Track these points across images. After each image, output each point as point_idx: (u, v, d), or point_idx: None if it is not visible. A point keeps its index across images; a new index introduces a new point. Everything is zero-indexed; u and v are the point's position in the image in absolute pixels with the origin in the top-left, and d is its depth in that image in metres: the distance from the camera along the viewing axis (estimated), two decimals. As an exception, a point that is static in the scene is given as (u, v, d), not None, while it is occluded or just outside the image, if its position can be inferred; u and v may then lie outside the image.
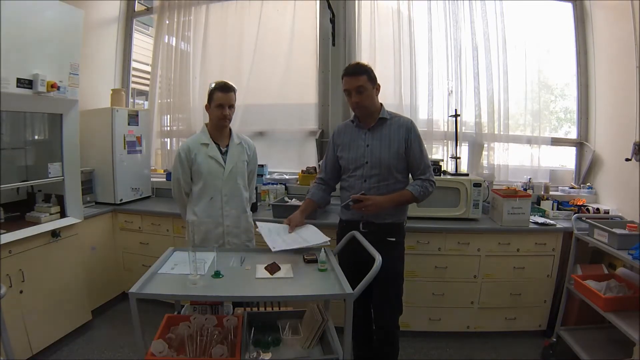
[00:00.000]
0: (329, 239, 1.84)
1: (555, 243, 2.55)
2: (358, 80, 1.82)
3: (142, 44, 4.32)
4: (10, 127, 2.63)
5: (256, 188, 2.66)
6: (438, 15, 3.06)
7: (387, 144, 1.89)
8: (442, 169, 2.86)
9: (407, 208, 2.01)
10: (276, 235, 1.88)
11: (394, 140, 1.89)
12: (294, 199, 2.97)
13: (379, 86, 1.93)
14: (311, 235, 1.88)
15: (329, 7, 3.01)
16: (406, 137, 1.89)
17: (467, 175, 2.82)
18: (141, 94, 5.03)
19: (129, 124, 3.16)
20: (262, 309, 1.98)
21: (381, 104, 1.95)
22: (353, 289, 1.44)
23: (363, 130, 1.94)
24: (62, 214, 2.54)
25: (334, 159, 2.03)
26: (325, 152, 2.13)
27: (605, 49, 2.89)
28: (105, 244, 3.04)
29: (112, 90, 3.35)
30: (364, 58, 3.10)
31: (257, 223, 2.03)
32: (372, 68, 1.90)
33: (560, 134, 3.30)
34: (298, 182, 3.30)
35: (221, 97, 2.05)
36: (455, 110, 2.97)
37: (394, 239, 1.91)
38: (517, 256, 2.56)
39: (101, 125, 3.02)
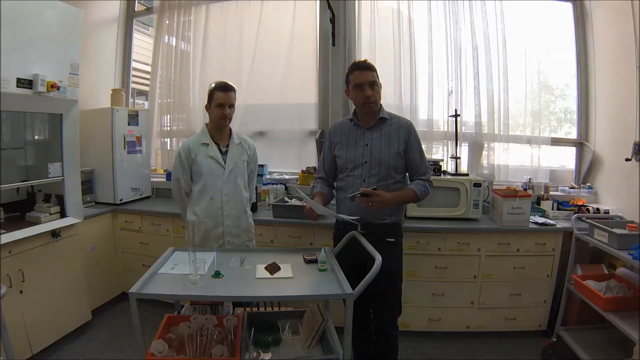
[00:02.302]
0: (359, 217, 1.84)
1: (555, 243, 2.55)
2: (372, 75, 1.84)
3: (142, 44, 4.32)
4: (10, 127, 2.63)
5: (256, 188, 2.66)
6: (438, 15, 3.06)
7: (387, 144, 1.88)
8: (442, 169, 2.86)
9: (405, 208, 2.01)
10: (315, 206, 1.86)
11: (393, 141, 1.88)
12: (294, 199, 2.97)
13: (381, 86, 1.94)
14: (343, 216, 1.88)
15: (329, 7, 3.01)
16: (406, 138, 1.88)
17: (467, 175, 2.82)
18: (141, 94, 5.03)
19: (129, 124, 3.16)
20: (262, 309, 1.98)
21: (380, 104, 1.94)
22: (353, 289, 1.44)
23: (362, 129, 1.93)
24: (62, 214, 2.54)
25: (332, 157, 2.01)
26: (322, 151, 2.12)
27: (605, 49, 2.89)
28: (105, 244, 3.04)
29: (112, 90, 3.35)
30: (363, 58, 3.10)
31: (297, 189, 2.14)
32: None
33: (560, 134, 3.30)
34: (298, 182, 3.30)
35: (221, 96, 2.05)
36: (455, 110, 2.97)
37: (392, 240, 1.89)
38: (517, 256, 2.56)
39: (101, 125, 3.02)
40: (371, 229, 1.85)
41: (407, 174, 1.98)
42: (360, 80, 1.84)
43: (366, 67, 1.85)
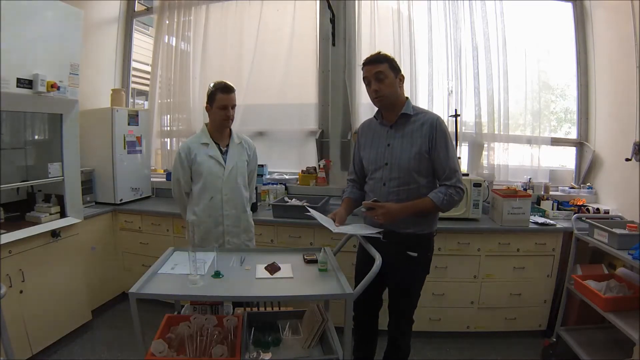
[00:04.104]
0: (381, 229, 1.70)
1: (555, 243, 2.55)
2: (378, 67, 1.67)
3: (142, 44, 4.32)
4: (10, 127, 2.63)
5: (256, 188, 2.66)
6: (438, 15, 3.06)
7: (408, 144, 1.70)
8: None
9: (435, 219, 1.80)
10: (326, 222, 1.76)
11: (416, 139, 1.69)
12: (294, 199, 2.97)
13: (403, 77, 1.76)
14: (361, 228, 1.76)
15: (329, 7, 3.01)
16: (430, 136, 1.67)
17: (467, 175, 2.82)
18: (141, 94, 5.03)
19: (129, 124, 3.16)
20: (262, 309, 1.98)
21: (407, 98, 1.77)
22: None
23: (386, 127, 1.78)
24: (62, 214, 2.54)
25: (360, 158, 1.88)
26: (352, 151, 2.01)
27: (605, 49, 2.89)
28: (105, 244, 3.04)
29: (112, 90, 3.35)
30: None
31: (308, 208, 1.95)
32: None
33: (560, 134, 3.30)
34: (298, 182, 3.30)
35: (224, 98, 2.05)
36: (455, 110, 2.97)
37: (415, 254, 1.71)
38: (517, 256, 2.56)
39: (101, 125, 3.02)
40: (394, 239, 1.71)
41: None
42: (365, 74, 1.71)
43: (371, 61, 1.70)
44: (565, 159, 3.31)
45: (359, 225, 1.84)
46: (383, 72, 1.67)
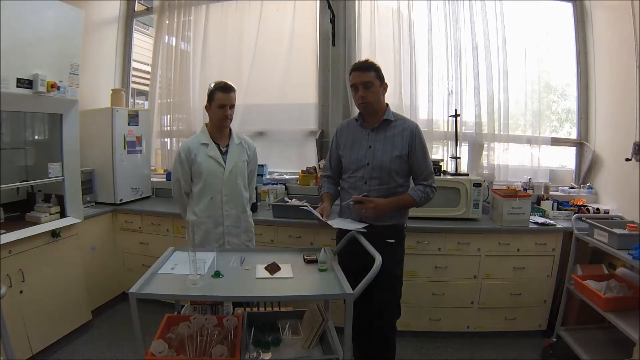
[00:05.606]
0: (367, 224, 1.83)
1: (555, 243, 2.55)
2: (366, 76, 1.82)
3: (142, 44, 4.32)
4: (10, 127, 2.63)
5: (256, 188, 2.66)
6: (438, 15, 3.06)
7: (389, 147, 1.87)
8: (442, 169, 2.86)
9: (408, 211, 2.00)
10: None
11: (397, 144, 1.87)
12: (294, 199, 2.97)
13: (386, 86, 1.92)
14: (349, 223, 1.88)
15: (329, 7, 3.01)
16: (410, 142, 1.87)
17: (467, 175, 2.82)
18: (141, 94, 5.02)
19: (129, 124, 3.16)
20: (262, 309, 1.98)
21: (387, 105, 1.93)
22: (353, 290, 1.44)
23: (366, 130, 1.92)
24: (62, 214, 2.54)
25: (338, 156, 2.02)
26: (328, 149, 2.13)
27: (605, 49, 2.89)
28: (105, 244, 3.04)
29: (112, 90, 3.35)
30: (364, 58, 3.10)
31: (306, 205, 2.10)
32: None
33: (561, 134, 3.30)
34: (298, 182, 3.30)
35: (223, 97, 2.05)
36: (455, 110, 2.97)
37: (392, 241, 1.89)
38: (517, 256, 2.56)
39: (101, 125, 3.02)
40: (371, 230, 1.84)
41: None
42: (354, 81, 1.85)
43: (361, 68, 1.84)
44: (565, 159, 3.31)
45: (346, 220, 1.93)
46: (371, 81, 1.83)
